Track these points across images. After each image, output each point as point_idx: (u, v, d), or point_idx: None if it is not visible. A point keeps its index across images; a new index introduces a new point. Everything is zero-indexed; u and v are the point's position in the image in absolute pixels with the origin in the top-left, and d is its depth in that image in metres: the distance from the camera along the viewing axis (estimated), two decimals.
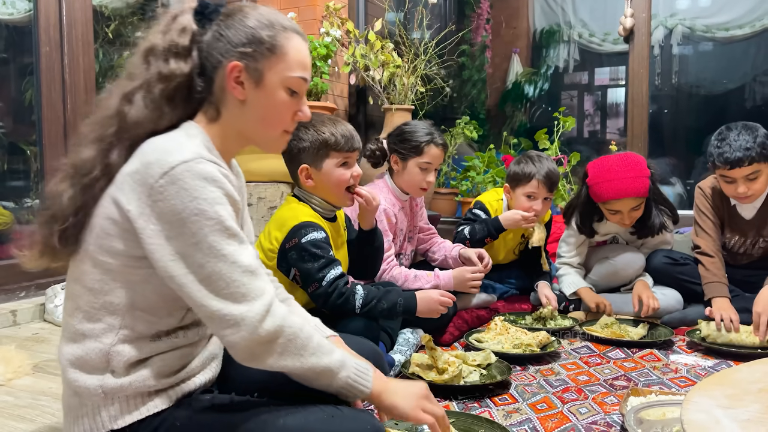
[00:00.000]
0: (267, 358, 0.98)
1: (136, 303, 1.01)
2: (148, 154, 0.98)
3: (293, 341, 0.99)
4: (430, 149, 2.28)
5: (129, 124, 1.01)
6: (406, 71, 3.28)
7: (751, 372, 0.99)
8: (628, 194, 2.28)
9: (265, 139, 1.13)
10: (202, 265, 0.94)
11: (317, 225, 1.76)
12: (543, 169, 2.40)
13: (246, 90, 1.07)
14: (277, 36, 1.07)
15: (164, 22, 1.07)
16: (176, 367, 1.05)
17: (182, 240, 0.94)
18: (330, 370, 1.02)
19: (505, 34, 5.20)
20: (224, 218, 0.96)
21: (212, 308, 0.95)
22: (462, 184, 3.63)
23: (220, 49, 1.05)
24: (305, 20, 3.37)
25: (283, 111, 1.11)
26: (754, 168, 2.13)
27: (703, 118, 4.73)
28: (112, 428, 1.00)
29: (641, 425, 1.35)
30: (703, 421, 0.81)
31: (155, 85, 1.03)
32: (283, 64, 1.08)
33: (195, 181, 0.94)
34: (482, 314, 2.41)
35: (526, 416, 1.56)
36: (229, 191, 0.98)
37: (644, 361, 1.99)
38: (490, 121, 5.14)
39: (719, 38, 4.65)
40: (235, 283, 0.95)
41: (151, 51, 1.05)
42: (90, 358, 1.01)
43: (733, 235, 2.40)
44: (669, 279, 2.44)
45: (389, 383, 1.11)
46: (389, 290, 1.81)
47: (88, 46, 2.60)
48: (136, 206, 0.96)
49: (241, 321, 0.95)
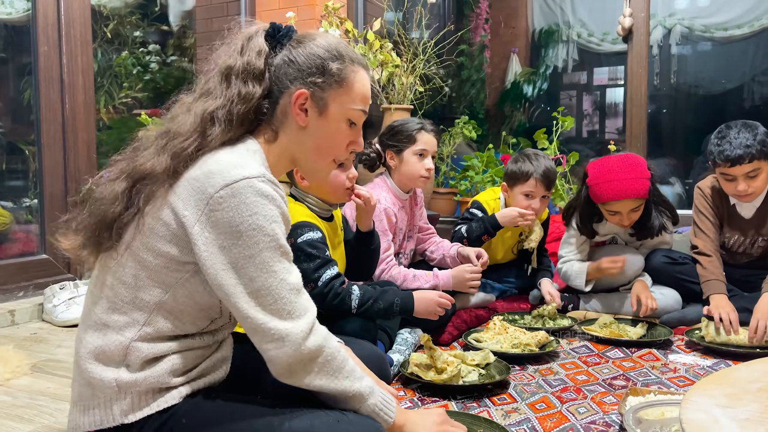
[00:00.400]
0: (305, 376, 1.00)
1: (165, 303, 1.03)
2: (211, 164, 1.00)
3: (331, 362, 1.01)
4: (422, 135, 2.31)
5: (208, 141, 1.04)
6: (404, 71, 3.28)
7: (749, 371, 0.99)
8: (627, 195, 2.28)
9: (315, 166, 1.17)
10: (253, 278, 0.97)
11: (313, 225, 1.76)
12: (540, 167, 2.40)
13: (309, 117, 1.11)
14: (346, 69, 1.11)
15: (240, 43, 1.10)
16: (189, 366, 1.07)
17: (236, 251, 0.97)
18: (361, 396, 1.05)
19: (503, 33, 5.20)
20: (279, 236, 0.99)
21: (258, 321, 0.98)
22: (461, 183, 3.63)
23: (289, 75, 1.09)
24: (304, 20, 3.37)
25: (340, 141, 1.15)
26: (755, 165, 2.14)
27: (702, 117, 4.72)
28: (122, 422, 1.01)
29: (640, 425, 1.35)
30: (702, 420, 0.81)
31: (236, 105, 1.06)
32: (347, 96, 1.12)
33: (256, 197, 0.97)
34: (481, 314, 2.41)
35: (524, 416, 1.56)
36: (284, 211, 1.02)
37: (643, 361, 1.99)
38: (489, 120, 5.14)
39: (718, 38, 4.65)
40: (283, 300, 0.98)
41: (231, 70, 1.08)
42: (109, 350, 1.02)
43: (732, 235, 2.40)
44: (668, 278, 2.44)
45: (410, 415, 1.14)
46: (386, 290, 1.81)
47: (86, 46, 2.60)
48: (192, 213, 0.98)
49: (285, 337, 0.98)
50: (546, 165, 2.42)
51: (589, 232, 2.50)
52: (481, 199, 2.62)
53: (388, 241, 2.25)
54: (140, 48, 3.57)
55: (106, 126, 3.26)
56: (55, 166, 2.51)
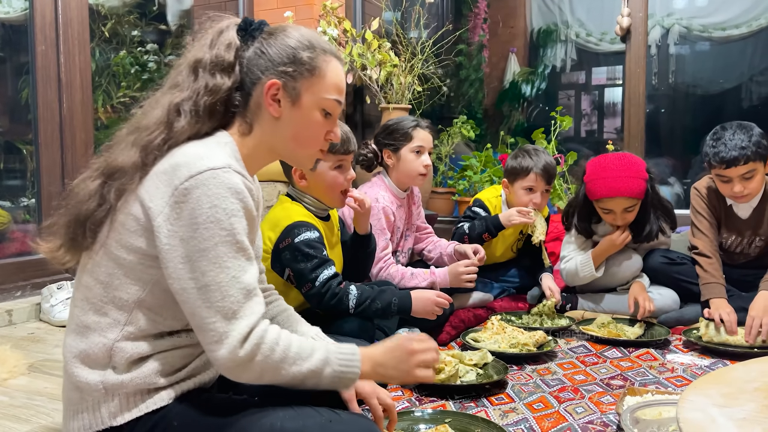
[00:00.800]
0: (249, 376, 0.98)
1: (144, 301, 1.02)
2: (178, 157, 1.00)
3: (270, 356, 0.97)
4: (418, 132, 2.33)
5: (175, 133, 1.04)
6: (403, 70, 3.28)
7: (746, 371, 0.99)
8: (620, 193, 2.28)
9: (296, 155, 1.17)
10: (205, 272, 0.95)
11: (310, 225, 1.76)
12: (540, 161, 2.42)
13: (282, 108, 1.10)
14: (317, 58, 1.11)
15: (210, 36, 1.10)
16: (177, 366, 1.06)
17: (193, 244, 0.95)
18: (313, 372, 1.01)
19: (502, 33, 5.20)
20: (237, 231, 0.97)
21: (203, 318, 0.95)
22: (459, 183, 3.63)
23: (260, 66, 1.09)
24: (302, 19, 3.36)
25: (315, 131, 1.14)
26: (750, 167, 2.14)
27: (700, 117, 4.73)
28: (111, 425, 1.00)
29: (637, 425, 1.35)
30: (699, 419, 0.81)
31: (202, 97, 1.06)
32: (320, 86, 1.11)
33: (218, 189, 0.96)
34: (479, 313, 2.41)
35: (522, 416, 1.56)
36: (248, 205, 1.00)
37: (641, 361, 1.99)
38: (488, 120, 5.14)
39: (716, 38, 4.66)
40: (231, 298, 0.95)
41: (199, 63, 1.08)
42: (93, 353, 1.01)
43: (729, 235, 2.40)
44: (666, 279, 2.44)
45: (376, 357, 1.09)
46: (384, 290, 1.81)
47: (84, 45, 2.59)
48: (158, 204, 0.97)
49: (224, 339, 0.94)
50: (546, 159, 2.44)
51: (586, 231, 2.50)
52: (483, 197, 2.63)
53: (386, 239, 2.25)
54: (138, 47, 3.56)
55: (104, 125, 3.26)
56: (52, 165, 2.51)
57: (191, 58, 1.09)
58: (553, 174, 2.46)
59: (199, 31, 1.13)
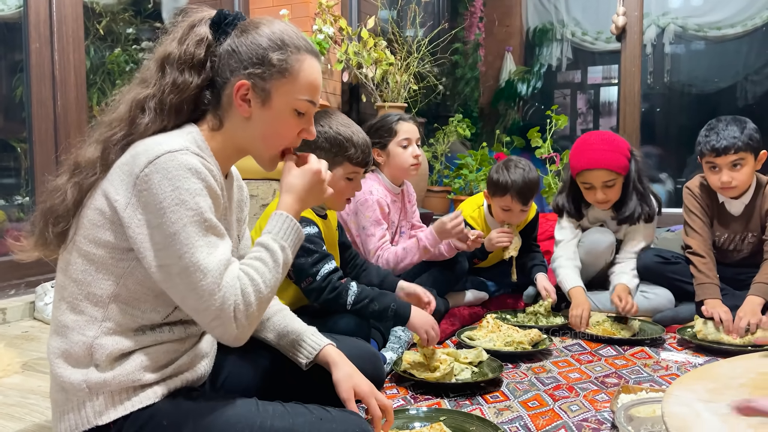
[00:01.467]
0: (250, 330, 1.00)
1: (119, 295, 1.01)
2: (138, 146, 0.99)
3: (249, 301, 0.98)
4: (402, 125, 2.36)
5: (138, 129, 1.02)
6: (398, 69, 3.28)
7: (732, 367, 0.99)
8: (599, 164, 2.30)
9: (263, 156, 1.14)
10: (181, 255, 0.94)
11: (309, 220, 1.76)
12: (518, 182, 2.35)
13: (252, 108, 1.08)
14: (289, 58, 1.07)
15: (181, 31, 1.07)
16: (162, 362, 1.05)
17: (163, 230, 0.94)
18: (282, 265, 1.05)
19: (498, 32, 5.21)
20: (203, 210, 0.96)
21: (193, 303, 0.95)
22: (455, 182, 3.63)
23: (230, 66, 1.06)
24: (298, 17, 3.36)
25: (286, 132, 1.12)
26: (740, 156, 2.19)
27: (695, 116, 4.74)
28: (97, 424, 0.99)
29: (631, 422, 1.35)
30: (683, 414, 0.81)
31: (168, 95, 1.04)
32: (291, 86, 1.08)
33: (178, 171, 0.95)
34: (474, 312, 2.42)
35: (517, 414, 1.56)
36: (210, 184, 0.99)
37: (635, 359, 2.00)
38: (483, 119, 5.15)
39: (711, 37, 4.68)
40: (212, 273, 0.95)
41: (167, 59, 1.06)
42: (74, 352, 1.00)
43: (722, 232, 2.41)
44: (660, 278, 2.44)
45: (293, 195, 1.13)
46: (385, 293, 1.78)
47: (78, 43, 2.58)
48: (123, 196, 0.96)
49: (222, 317, 0.95)
50: (524, 178, 2.36)
51: (575, 212, 2.52)
52: (465, 213, 2.61)
53: (382, 229, 2.27)
54: (133, 45, 3.56)
55: None
56: (46, 163, 2.50)
57: (160, 53, 1.07)
58: (532, 193, 2.40)
59: (171, 25, 1.11)
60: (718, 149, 2.19)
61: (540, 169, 3.53)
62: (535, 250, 2.65)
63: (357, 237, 2.30)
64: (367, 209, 2.24)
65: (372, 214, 2.23)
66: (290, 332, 1.29)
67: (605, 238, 2.49)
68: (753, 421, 0.78)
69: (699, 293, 2.25)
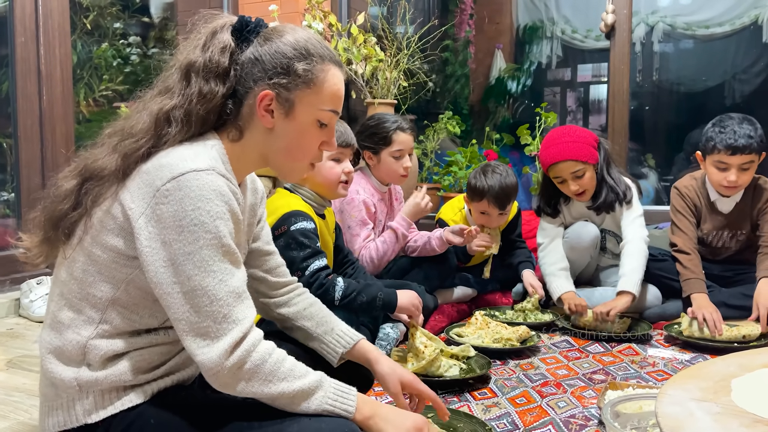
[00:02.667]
0: (235, 383, 0.94)
1: (118, 299, 1.00)
2: (162, 158, 0.96)
3: (261, 366, 0.95)
4: (398, 136, 2.31)
5: (162, 141, 0.99)
6: (388, 65, 3.27)
7: (725, 365, 1.00)
8: (562, 156, 2.31)
9: (286, 168, 1.11)
10: (190, 276, 0.92)
11: (307, 215, 1.76)
12: (495, 187, 2.36)
13: (275, 119, 1.04)
14: (314, 68, 1.04)
15: (204, 37, 1.04)
16: (155, 363, 1.03)
17: (176, 247, 0.91)
18: (303, 393, 0.97)
19: (488, 29, 5.20)
20: (223, 234, 0.94)
21: (190, 323, 0.92)
22: (444, 179, 3.63)
23: (254, 75, 1.03)
24: (287, 13, 3.34)
25: (309, 143, 1.09)
26: (752, 158, 2.19)
27: (684, 115, 4.77)
28: (85, 422, 0.98)
29: (618, 418, 1.36)
30: (677, 413, 0.82)
31: (195, 105, 1.00)
32: (315, 97, 1.06)
33: (201, 191, 0.92)
34: (463, 309, 2.42)
35: (505, 410, 1.57)
36: (233, 209, 0.97)
37: (623, 355, 2.01)
38: (473, 116, 5.15)
39: (699, 36, 4.70)
40: (220, 302, 0.93)
41: (192, 67, 1.02)
42: (67, 350, 0.99)
43: (711, 230, 2.43)
44: (647, 275, 2.45)
45: (380, 409, 1.04)
46: (370, 284, 1.81)
47: (64, 37, 2.55)
48: (138, 206, 0.94)
49: (216, 342, 0.92)
50: (501, 183, 2.37)
51: (552, 211, 2.53)
52: (445, 217, 2.61)
53: (368, 229, 2.27)
54: (121, 40, 3.52)
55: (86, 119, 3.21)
56: (32, 159, 2.47)
57: (183, 61, 1.03)
58: (509, 198, 2.41)
59: (192, 31, 1.06)
60: (735, 147, 2.16)
61: (529, 166, 3.54)
62: (520, 247, 2.66)
63: (343, 235, 2.29)
64: (353, 209, 2.24)
65: (358, 213, 2.22)
66: (328, 322, 1.28)
67: (588, 232, 2.49)
68: (745, 420, 0.79)
69: (685, 288, 2.27)
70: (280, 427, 0.96)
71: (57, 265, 1.05)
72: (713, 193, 2.37)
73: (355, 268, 2.06)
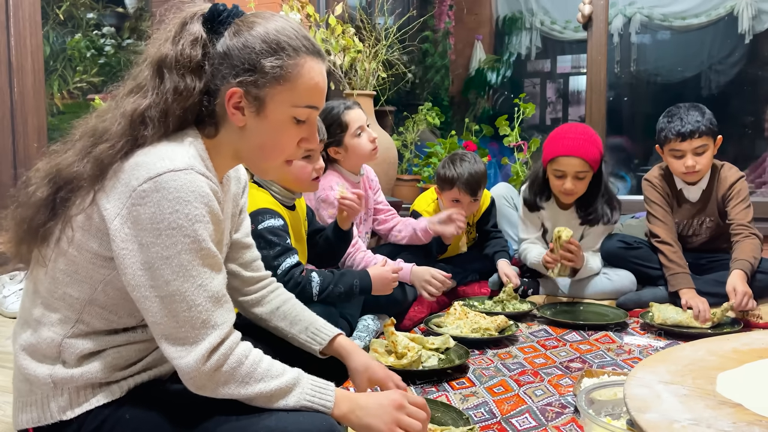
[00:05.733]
0: (213, 387, 0.94)
1: (96, 300, 0.98)
2: (139, 156, 0.93)
3: (238, 369, 0.94)
4: (349, 115, 2.27)
5: (141, 142, 0.94)
6: (367, 56, 3.26)
7: (694, 350, 1.01)
8: (576, 152, 2.30)
9: (261, 166, 1.07)
10: (168, 282, 0.90)
11: (275, 212, 1.74)
12: (464, 174, 2.38)
13: (246, 117, 0.99)
14: (284, 64, 0.98)
15: (174, 29, 0.99)
16: (132, 360, 1.02)
17: (154, 251, 0.89)
18: (280, 391, 0.97)
19: (467, 20, 5.20)
20: (202, 238, 0.91)
21: (168, 328, 0.91)
22: (424, 170, 3.63)
23: (222, 71, 0.98)
24: (265, 3, 3.31)
25: (285, 141, 1.03)
26: (703, 141, 2.25)
27: (661, 105, 4.79)
28: (60, 419, 0.97)
29: (593, 405, 1.37)
30: (644, 395, 0.83)
31: (171, 103, 0.95)
32: (289, 94, 1.00)
33: (180, 192, 0.89)
34: (442, 299, 2.43)
35: (482, 399, 1.58)
36: (213, 209, 0.94)
37: (599, 344, 2.03)
38: (453, 107, 5.15)
39: (676, 27, 4.74)
40: (198, 307, 0.91)
41: (163, 62, 0.96)
42: (41, 348, 0.98)
43: (681, 218, 2.47)
44: (623, 262, 2.49)
45: (358, 399, 1.04)
46: (344, 273, 1.80)
47: (35, 27, 2.51)
48: (114, 206, 0.91)
49: (193, 348, 0.91)
50: (470, 170, 2.39)
51: (533, 203, 2.51)
52: (419, 208, 2.61)
53: None
54: (94, 31, 3.46)
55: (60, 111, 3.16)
56: (3, 152, 2.43)
57: (154, 56, 0.97)
58: (478, 185, 2.43)
59: (162, 21, 1.00)
60: (683, 134, 2.24)
61: (508, 157, 3.55)
62: (496, 237, 2.67)
63: None
64: (329, 206, 2.22)
65: (335, 210, 2.21)
66: (302, 320, 1.27)
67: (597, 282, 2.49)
68: (711, 402, 0.80)
69: (673, 283, 2.28)
70: (257, 419, 0.96)
71: (32, 262, 1.03)
72: (679, 182, 2.42)
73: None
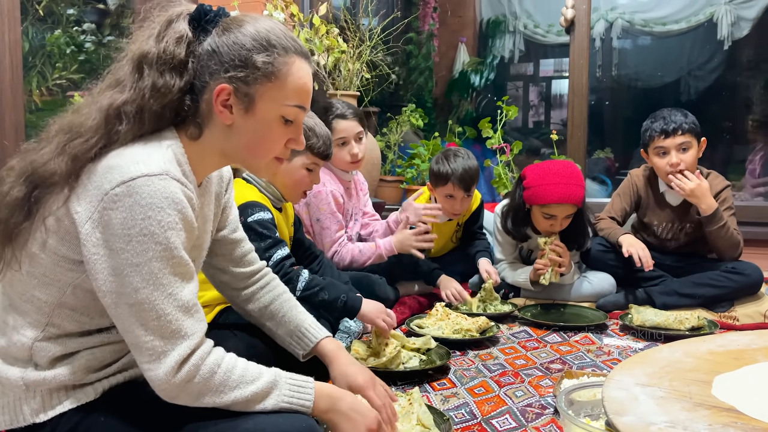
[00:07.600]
0: (187, 398, 0.93)
1: (65, 302, 0.96)
2: (112, 158, 0.91)
3: (210, 379, 0.93)
4: (339, 124, 2.30)
5: (114, 139, 0.93)
6: (351, 57, 3.25)
7: (671, 352, 1.03)
8: (569, 200, 2.29)
9: (251, 165, 1.06)
10: (138, 289, 0.88)
11: (263, 206, 1.74)
12: (458, 169, 2.40)
13: (234, 115, 0.99)
14: (275, 61, 0.98)
15: (158, 27, 0.97)
16: (107, 361, 1.00)
17: (124, 257, 0.87)
18: (257, 395, 0.96)
19: (451, 22, 5.22)
20: (174, 246, 0.90)
21: (137, 337, 0.90)
22: (407, 171, 3.64)
23: (210, 68, 0.97)
24: (248, 2, 3.29)
25: (272, 141, 1.03)
26: (687, 138, 2.31)
27: (641, 110, 4.87)
28: (33, 422, 0.95)
29: (572, 406, 1.38)
30: (622, 397, 0.84)
31: (148, 99, 0.94)
32: (278, 92, 1.00)
33: (153, 198, 0.87)
34: (423, 300, 2.43)
35: (463, 400, 1.58)
36: (187, 216, 0.92)
37: (579, 345, 2.05)
38: (437, 109, 5.17)
39: (657, 32, 4.81)
40: (168, 317, 0.89)
41: (144, 59, 0.95)
42: (12, 351, 0.96)
43: (661, 222, 2.50)
44: (603, 265, 2.51)
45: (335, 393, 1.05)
46: (336, 284, 1.78)
47: (14, 22, 2.46)
48: (85, 209, 0.89)
49: (162, 359, 0.89)
50: (464, 165, 2.41)
51: (520, 235, 2.49)
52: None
53: (339, 221, 2.26)
54: (75, 27, 3.41)
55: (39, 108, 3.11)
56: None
57: (136, 52, 0.96)
58: (472, 180, 2.44)
59: (146, 19, 0.99)
60: (666, 131, 2.31)
61: (490, 159, 3.57)
62: (479, 238, 2.69)
63: (310, 227, 2.28)
64: (320, 201, 2.23)
65: (327, 206, 2.22)
66: (289, 321, 1.26)
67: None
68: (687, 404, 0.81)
69: (612, 236, 2.42)
70: (235, 423, 0.95)
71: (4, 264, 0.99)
72: (662, 185, 2.45)
73: (321, 264, 2.02)
